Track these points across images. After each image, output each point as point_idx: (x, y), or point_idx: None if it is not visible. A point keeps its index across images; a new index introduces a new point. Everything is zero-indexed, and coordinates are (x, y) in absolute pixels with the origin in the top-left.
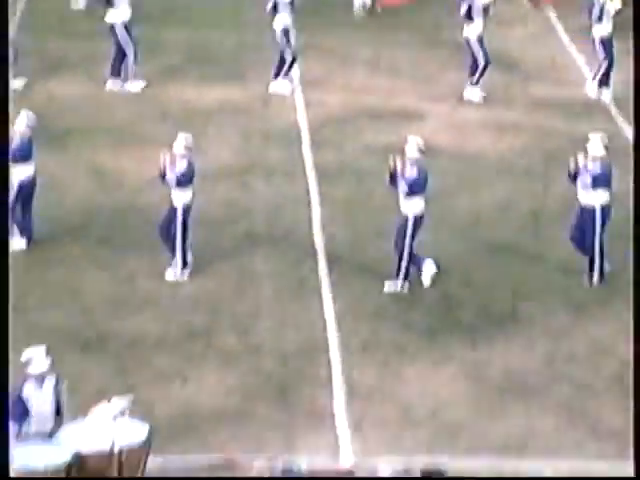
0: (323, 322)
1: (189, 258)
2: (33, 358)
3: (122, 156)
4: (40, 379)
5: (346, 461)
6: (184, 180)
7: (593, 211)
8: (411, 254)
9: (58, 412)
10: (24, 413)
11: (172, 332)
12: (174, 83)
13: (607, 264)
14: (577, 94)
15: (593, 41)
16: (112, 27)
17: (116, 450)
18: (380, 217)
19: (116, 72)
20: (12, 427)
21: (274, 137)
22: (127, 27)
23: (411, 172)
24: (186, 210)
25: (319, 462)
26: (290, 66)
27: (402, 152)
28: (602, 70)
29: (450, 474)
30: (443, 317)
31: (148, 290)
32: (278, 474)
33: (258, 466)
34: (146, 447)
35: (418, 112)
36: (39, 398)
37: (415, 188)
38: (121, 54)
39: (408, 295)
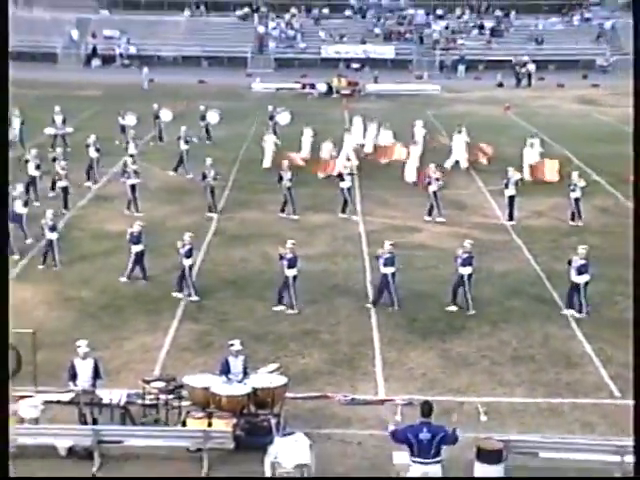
0: (371, 328)
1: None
2: (234, 344)
3: (270, 247)
4: (236, 355)
5: (380, 397)
6: (189, 254)
7: (386, 277)
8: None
9: (244, 371)
10: (228, 370)
11: (297, 332)
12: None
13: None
14: (493, 222)
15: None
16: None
17: (272, 387)
18: (399, 278)
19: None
20: (220, 377)
21: (348, 239)
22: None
23: (290, 255)
24: (190, 268)
25: (367, 397)
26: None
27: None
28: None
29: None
30: (429, 327)
31: (282, 312)
32: (349, 401)
33: (337, 398)
34: (286, 387)
35: (417, 228)
36: (235, 364)
37: (292, 263)
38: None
39: (413, 315)
